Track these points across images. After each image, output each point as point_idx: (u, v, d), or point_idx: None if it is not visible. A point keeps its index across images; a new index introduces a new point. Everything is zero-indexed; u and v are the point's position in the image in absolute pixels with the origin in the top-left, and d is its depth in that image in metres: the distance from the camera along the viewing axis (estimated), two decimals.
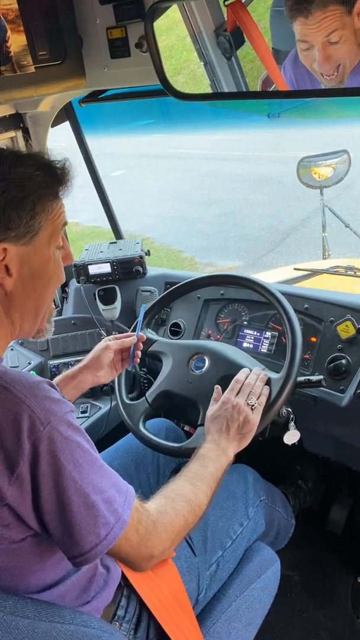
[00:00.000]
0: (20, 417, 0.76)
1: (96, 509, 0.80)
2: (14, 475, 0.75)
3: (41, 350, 1.88)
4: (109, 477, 0.86)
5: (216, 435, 1.16)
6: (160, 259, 5.70)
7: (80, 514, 0.79)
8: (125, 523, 0.83)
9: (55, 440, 0.77)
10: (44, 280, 0.91)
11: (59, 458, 0.77)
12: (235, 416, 1.17)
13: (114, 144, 10.59)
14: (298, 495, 1.88)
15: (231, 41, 1.16)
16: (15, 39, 1.21)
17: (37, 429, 0.76)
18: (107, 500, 0.82)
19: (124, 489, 0.87)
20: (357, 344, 1.43)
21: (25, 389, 0.79)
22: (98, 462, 0.84)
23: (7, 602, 0.72)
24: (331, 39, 0.94)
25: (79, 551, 0.80)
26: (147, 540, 0.89)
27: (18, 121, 1.70)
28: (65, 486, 0.78)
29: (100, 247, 2.04)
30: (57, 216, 0.91)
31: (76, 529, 0.79)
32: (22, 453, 0.75)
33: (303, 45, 0.99)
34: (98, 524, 0.80)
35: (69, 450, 0.79)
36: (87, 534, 0.79)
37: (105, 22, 1.34)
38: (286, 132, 10.22)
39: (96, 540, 0.80)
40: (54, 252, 0.92)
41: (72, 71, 1.40)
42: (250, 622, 1.21)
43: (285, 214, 6.48)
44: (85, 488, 0.79)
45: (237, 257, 5.65)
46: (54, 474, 0.77)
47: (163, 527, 0.91)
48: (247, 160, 8.97)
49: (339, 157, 2.74)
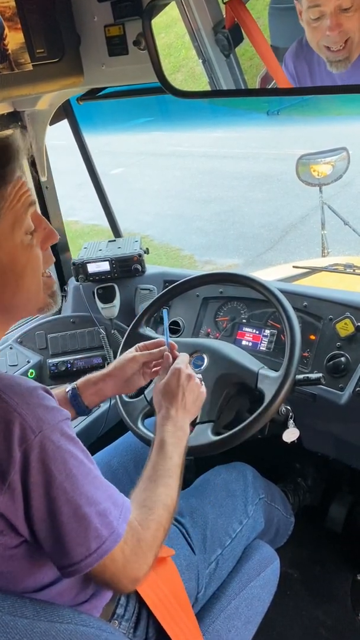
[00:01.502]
0: (12, 425, 0.74)
1: (88, 521, 0.78)
2: (5, 484, 0.73)
3: (40, 349, 1.88)
4: (105, 489, 0.83)
5: (172, 409, 1.10)
6: (160, 257, 5.69)
7: (70, 525, 0.77)
8: (120, 537, 0.80)
9: (47, 449, 0.75)
10: (16, 271, 0.85)
11: (50, 467, 0.75)
12: (192, 386, 1.14)
13: (113, 142, 10.58)
14: (297, 493, 1.88)
15: (230, 38, 1.16)
16: (13, 36, 1.20)
17: (28, 437, 0.74)
18: (101, 512, 0.79)
19: (120, 502, 0.84)
20: (356, 342, 1.43)
21: (17, 396, 0.76)
22: (93, 473, 0.82)
23: (6, 602, 0.72)
24: (343, 4, 0.92)
25: (67, 562, 0.78)
26: (133, 562, 0.84)
27: (16, 119, 1.69)
28: (56, 496, 0.76)
29: (99, 246, 2.03)
30: (17, 200, 0.83)
31: (66, 540, 0.77)
32: (13, 462, 0.73)
33: (313, 13, 0.97)
34: (89, 537, 0.78)
35: (60, 460, 0.76)
36: (76, 545, 0.77)
37: (103, 20, 1.34)
38: (285, 129, 10.21)
39: (86, 553, 0.77)
40: (22, 239, 0.84)
41: (70, 69, 1.40)
42: (249, 620, 1.21)
43: (285, 212, 6.48)
44: (77, 499, 0.77)
45: (236, 254, 5.65)
46: (44, 484, 0.75)
47: (148, 545, 0.87)
48: (246, 157, 8.96)
49: (338, 154, 2.74)
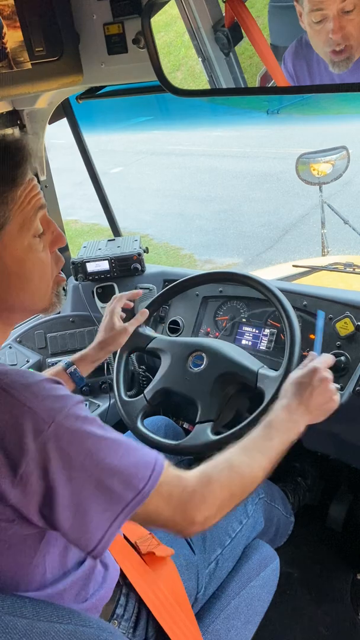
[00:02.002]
0: (23, 420, 0.74)
1: (111, 491, 0.78)
2: (17, 477, 0.73)
3: (39, 348, 1.88)
4: (132, 454, 0.82)
5: (294, 402, 1.08)
6: (159, 256, 5.69)
7: (95, 498, 0.77)
8: (145, 496, 0.80)
9: (63, 437, 0.75)
10: (23, 275, 0.85)
11: (68, 452, 0.75)
12: (322, 391, 1.09)
13: (113, 140, 10.59)
14: (297, 492, 1.88)
15: (229, 37, 1.15)
16: (12, 35, 1.20)
17: (42, 429, 0.74)
18: (125, 480, 0.79)
19: (151, 462, 0.83)
20: (356, 341, 1.43)
21: (25, 390, 0.76)
22: (115, 443, 0.81)
23: (5, 602, 0.72)
24: (346, 6, 0.92)
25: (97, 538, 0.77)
26: (184, 510, 0.85)
27: (15, 118, 1.69)
28: (78, 477, 0.76)
29: (98, 245, 2.03)
30: (27, 202, 0.83)
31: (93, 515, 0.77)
32: (25, 455, 0.73)
33: (316, 16, 0.97)
34: (113, 502, 0.78)
35: (78, 442, 0.76)
36: (104, 512, 0.77)
37: (102, 18, 1.34)
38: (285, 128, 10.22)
39: (112, 517, 0.78)
40: (30, 241, 0.84)
41: (69, 67, 1.40)
42: (249, 620, 1.21)
43: (284, 211, 6.48)
44: (99, 474, 0.77)
45: (236, 254, 5.65)
46: (65, 468, 0.75)
47: (201, 497, 0.87)
48: (246, 156, 8.96)
49: (338, 153, 2.73)
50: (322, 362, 1.15)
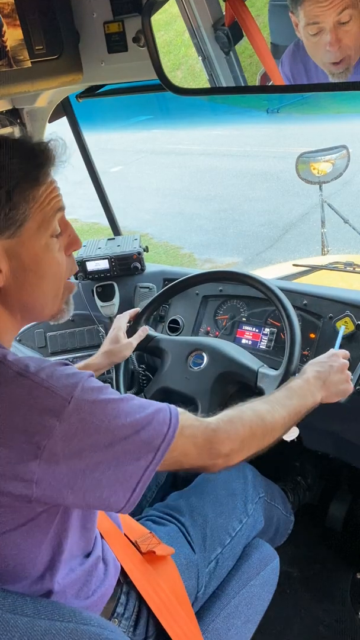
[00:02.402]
0: (42, 400, 0.76)
1: (140, 442, 0.82)
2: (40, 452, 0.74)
3: (39, 347, 1.88)
4: (148, 406, 0.86)
5: (312, 376, 1.16)
6: (159, 255, 5.69)
7: (127, 453, 0.80)
8: (172, 439, 0.84)
9: (84, 408, 0.78)
10: (38, 272, 0.87)
11: (92, 421, 0.78)
12: (339, 371, 1.19)
13: (113, 139, 10.58)
14: (297, 491, 1.88)
15: (229, 36, 1.15)
16: (11, 33, 1.20)
17: (62, 406, 0.76)
18: (150, 429, 0.83)
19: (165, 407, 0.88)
20: (357, 340, 1.43)
21: (40, 372, 0.79)
22: (130, 402, 0.85)
23: (6, 600, 0.72)
24: (342, 18, 0.93)
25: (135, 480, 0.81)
26: (210, 448, 0.91)
27: (15, 116, 1.69)
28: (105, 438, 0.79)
29: (98, 244, 2.03)
30: (47, 202, 0.86)
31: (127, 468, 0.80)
32: (48, 432, 0.75)
33: (312, 29, 0.97)
34: (143, 452, 0.82)
35: (99, 410, 0.79)
36: (137, 461, 0.81)
37: (102, 17, 1.33)
38: (285, 127, 10.22)
39: (146, 464, 0.82)
40: (47, 241, 0.87)
41: (69, 66, 1.39)
42: (249, 619, 1.21)
43: (284, 210, 6.48)
44: (126, 432, 0.80)
45: (236, 253, 5.65)
46: (92, 434, 0.78)
47: (224, 433, 0.93)
48: (246, 156, 8.96)
49: (338, 152, 2.74)
50: (341, 353, 1.25)
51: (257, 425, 0.98)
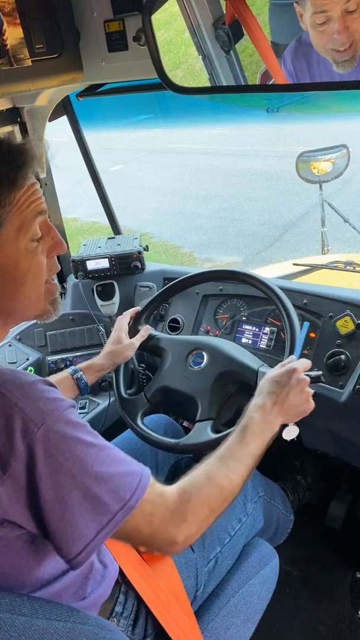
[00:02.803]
0: (12, 419, 0.74)
1: (98, 500, 0.77)
2: (5, 475, 0.73)
3: (39, 346, 1.88)
4: (118, 464, 0.82)
5: (269, 401, 1.06)
6: (159, 255, 5.69)
7: (81, 507, 0.76)
8: (132, 509, 0.80)
9: (51, 440, 0.75)
10: (16, 277, 0.85)
11: (56, 457, 0.75)
12: (299, 392, 1.07)
13: (113, 138, 10.57)
14: (297, 490, 1.88)
15: (230, 34, 1.15)
16: (12, 31, 1.20)
17: (31, 431, 0.74)
18: (112, 489, 0.79)
19: (138, 473, 0.83)
20: (356, 340, 1.43)
21: (17, 389, 0.76)
22: (104, 451, 0.81)
23: (4, 600, 0.72)
24: (349, 7, 0.92)
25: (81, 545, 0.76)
26: (164, 531, 0.85)
27: (15, 115, 1.69)
28: (65, 483, 0.75)
29: (98, 243, 2.03)
30: (26, 206, 0.84)
31: (79, 522, 0.76)
32: (14, 454, 0.73)
33: (320, 18, 0.96)
34: (99, 513, 0.77)
35: (67, 448, 0.76)
36: (89, 522, 0.77)
37: (102, 15, 1.33)
38: (285, 126, 10.21)
39: (98, 527, 0.77)
40: (26, 245, 0.85)
41: (70, 65, 1.39)
42: (248, 618, 1.21)
43: (284, 209, 6.47)
44: (87, 481, 0.77)
45: (236, 252, 5.65)
46: (52, 473, 0.75)
47: (182, 517, 0.86)
48: (246, 155, 8.96)
49: (338, 151, 2.74)
50: (301, 364, 1.12)
51: (216, 499, 0.91)
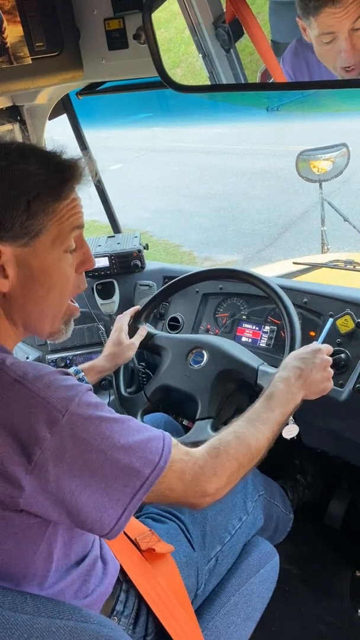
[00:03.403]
0: (37, 410, 0.75)
1: (130, 468, 0.80)
2: (31, 465, 0.74)
3: (39, 345, 1.88)
4: (141, 432, 0.85)
5: (293, 375, 1.13)
6: (159, 253, 5.69)
7: (114, 477, 0.79)
8: (162, 470, 0.83)
9: (77, 424, 0.77)
10: (45, 285, 0.87)
11: (85, 438, 0.77)
12: (322, 369, 1.15)
13: (113, 137, 10.56)
14: (297, 489, 1.88)
15: (230, 33, 1.15)
16: (12, 29, 1.19)
17: (56, 419, 0.75)
18: (141, 456, 0.82)
19: (160, 436, 0.87)
20: (357, 338, 1.43)
21: (38, 380, 0.78)
22: (125, 423, 0.84)
23: (6, 598, 0.72)
24: (356, 25, 0.93)
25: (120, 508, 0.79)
26: (195, 486, 0.89)
27: (15, 114, 1.69)
28: (96, 459, 0.78)
29: (98, 241, 2.03)
30: (66, 218, 0.86)
31: (114, 489, 0.79)
32: (40, 444, 0.74)
33: (327, 38, 0.97)
34: (132, 478, 0.80)
35: (93, 428, 0.78)
36: (124, 488, 0.80)
37: (102, 13, 1.33)
38: (285, 125, 10.20)
39: (132, 492, 0.80)
40: (60, 255, 0.87)
41: (70, 63, 1.39)
42: (248, 616, 1.22)
43: (284, 208, 6.47)
44: (117, 454, 0.79)
45: (235, 251, 5.65)
46: (82, 453, 0.77)
47: (212, 470, 0.91)
48: (246, 153, 8.95)
49: (338, 150, 2.73)
50: (325, 348, 1.20)
51: (244, 455, 0.97)
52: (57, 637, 0.70)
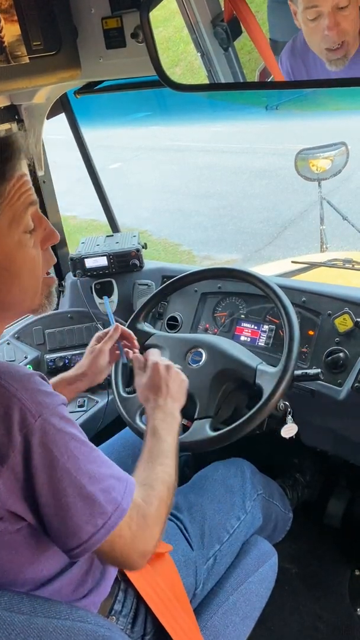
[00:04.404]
0: (11, 410, 0.74)
1: (92, 499, 0.78)
2: (3, 467, 0.73)
3: (38, 344, 1.87)
4: (107, 466, 0.84)
5: (160, 400, 1.15)
6: (158, 252, 5.69)
7: (76, 505, 0.77)
8: (125, 512, 0.81)
9: (48, 433, 0.76)
10: (11, 270, 0.84)
11: (52, 450, 0.76)
12: (174, 376, 1.19)
13: (112, 136, 10.55)
14: (296, 488, 1.88)
15: (228, 31, 1.15)
16: (9, 28, 1.19)
17: (29, 422, 0.74)
18: (105, 489, 0.80)
19: (124, 478, 0.85)
20: (355, 337, 1.43)
21: (16, 381, 0.77)
22: (94, 452, 0.83)
23: (3, 598, 0.72)
24: (340, 2, 0.93)
25: (76, 542, 0.78)
26: (140, 536, 0.86)
27: (13, 113, 1.68)
28: (60, 477, 0.76)
29: (96, 241, 2.02)
30: (17, 198, 0.83)
31: (73, 520, 0.77)
32: (12, 446, 0.73)
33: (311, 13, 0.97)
34: (95, 514, 0.78)
35: (62, 442, 0.77)
36: (83, 524, 0.78)
37: (100, 12, 1.33)
38: (284, 124, 10.20)
39: (93, 530, 0.78)
40: (20, 237, 0.84)
41: (67, 62, 1.39)
42: (247, 615, 1.22)
43: (283, 207, 6.47)
44: (81, 479, 0.78)
45: (234, 250, 5.64)
46: (47, 467, 0.75)
47: (153, 520, 0.88)
48: (245, 152, 8.95)
49: (337, 149, 2.73)
50: (154, 355, 1.25)
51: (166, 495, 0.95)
52: (54, 637, 0.70)
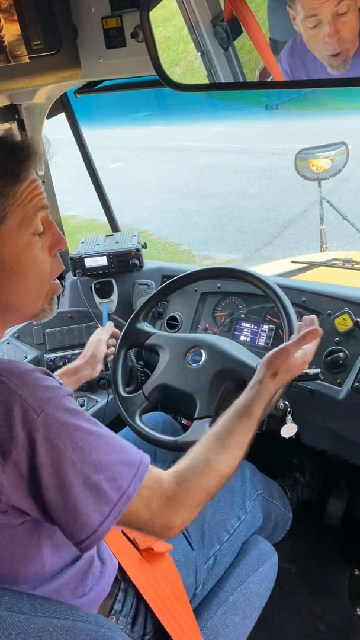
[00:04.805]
0: (12, 407, 0.74)
1: (98, 488, 0.78)
2: (6, 462, 0.73)
3: (37, 344, 1.87)
4: (117, 452, 0.83)
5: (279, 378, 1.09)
6: (158, 252, 5.69)
7: (82, 496, 0.77)
8: (130, 498, 0.81)
9: (52, 427, 0.75)
10: (19, 270, 0.85)
11: (57, 444, 0.76)
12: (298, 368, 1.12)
13: (112, 136, 10.55)
14: (295, 488, 1.89)
15: (228, 31, 1.15)
16: (9, 28, 1.19)
17: (31, 418, 0.74)
18: (110, 477, 0.79)
19: (136, 462, 0.84)
20: (355, 337, 1.43)
21: (16, 377, 0.77)
22: (102, 439, 0.82)
23: (3, 598, 0.72)
24: (340, 9, 0.93)
25: (85, 534, 0.78)
26: (161, 516, 0.85)
27: (13, 112, 1.68)
28: (66, 470, 0.76)
29: (96, 240, 2.02)
30: (28, 200, 0.84)
31: (81, 512, 0.77)
32: (15, 442, 0.73)
33: (311, 22, 0.97)
34: (100, 502, 0.78)
35: (66, 435, 0.77)
36: (92, 512, 0.77)
37: (100, 12, 1.33)
38: (284, 124, 10.19)
39: (101, 519, 0.78)
40: (29, 239, 0.85)
41: (67, 61, 1.39)
42: (247, 615, 1.22)
43: (283, 207, 6.47)
44: (86, 469, 0.77)
45: (234, 249, 5.64)
46: (52, 461, 0.75)
47: (180, 503, 0.87)
48: (245, 152, 8.95)
49: (337, 149, 2.73)
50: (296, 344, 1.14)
51: (214, 484, 0.92)
52: (54, 636, 0.70)
